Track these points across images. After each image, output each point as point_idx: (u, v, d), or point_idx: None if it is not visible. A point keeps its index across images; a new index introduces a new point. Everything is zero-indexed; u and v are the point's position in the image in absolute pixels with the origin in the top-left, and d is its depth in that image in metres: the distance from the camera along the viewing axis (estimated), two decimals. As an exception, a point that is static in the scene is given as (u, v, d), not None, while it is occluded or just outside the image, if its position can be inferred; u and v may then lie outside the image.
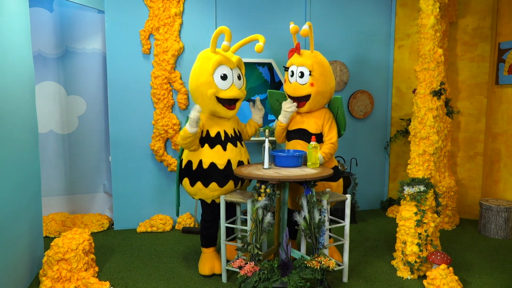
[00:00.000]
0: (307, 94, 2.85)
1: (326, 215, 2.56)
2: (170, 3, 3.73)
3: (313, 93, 2.83)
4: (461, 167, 4.25)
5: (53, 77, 3.77)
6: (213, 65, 2.66)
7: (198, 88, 2.70)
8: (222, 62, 2.69)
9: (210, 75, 2.66)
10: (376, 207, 4.68)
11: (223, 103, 2.74)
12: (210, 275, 2.80)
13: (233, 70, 2.75)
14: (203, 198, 2.81)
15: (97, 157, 4.01)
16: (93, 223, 3.80)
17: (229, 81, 2.73)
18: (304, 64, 2.83)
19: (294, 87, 2.88)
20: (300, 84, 2.86)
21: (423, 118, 2.89)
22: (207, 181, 2.72)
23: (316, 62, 2.84)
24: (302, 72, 2.85)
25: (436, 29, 2.83)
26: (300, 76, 2.86)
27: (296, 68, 2.88)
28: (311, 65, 2.81)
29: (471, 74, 4.12)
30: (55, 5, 3.69)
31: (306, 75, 2.83)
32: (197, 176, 2.74)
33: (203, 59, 2.73)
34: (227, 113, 2.78)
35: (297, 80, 2.88)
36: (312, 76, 2.81)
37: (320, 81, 2.83)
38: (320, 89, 2.84)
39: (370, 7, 4.38)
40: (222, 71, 2.69)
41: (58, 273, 2.51)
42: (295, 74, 2.88)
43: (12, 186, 2.38)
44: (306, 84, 2.83)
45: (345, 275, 2.72)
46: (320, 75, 2.84)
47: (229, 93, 2.71)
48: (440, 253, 2.68)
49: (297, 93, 2.87)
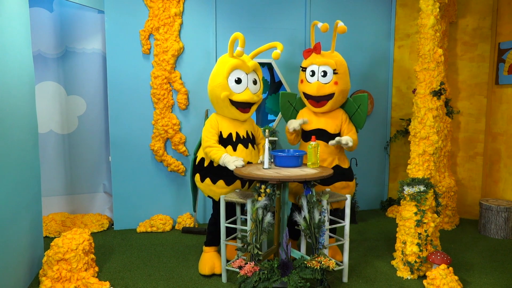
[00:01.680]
0: (331, 93, 2.87)
1: (326, 215, 2.56)
2: (170, 3, 3.73)
3: (337, 91, 2.86)
4: (461, 167, 4.25)
5: (53, 77, 3.77)
6: (227, 69, 2.75)
7: (213, 90, 2.81)
8: (237, 67, 2.77)
9: (225, 78, 2.75)
10: (376, 207, 4.68)
11: (237, 106, 2.80)
12: (210, 275, 2.80)
13: (248, 74, 2.83)
14: (211, 195, 2.88)
15: (97, 157, 4.01)
16: (93, 223, 3.80)
17: (243, 85, 2.79)
18: (328, 64, 2.86)
19: (317, 86, 2.89)
20: (323, 84, 2.88)
21: (423, 118, 2.90)
22: (216, 178, 2.80)
23: (338, 61, 2.89)
24: (325, 71, 2.87)
25: (436, 29, 2.83)
26: (322, 76, 2.88)
27: (318, 68, 2.90)
28: (335, 64, 2.86)
29: (471, 74, 4.12)
30: (55, 5, 3.69)
31: (330, 74, 2.86)
32: (207, 173, 2.83)
33: (220, 63, 2.84)
34: (241, 116, 2.85)
35: (319, 80, 2.89)
36: (337, 75, 2.85)
37: (343, 80, 2.89)
38: (343, 88, 2.89)
39: (370, 7, 4.38)
40: (236, 75, 2.78)
41: (58, 273, 2.51)
42: (317, 73, 2.90)
43: (12, 186, 2.38)
44: (330, 83, 2.86)
45: (345, 275, 2.72)
46: (343, 73, 2.89)
47: (242, 96, 2.78)
48: (440, 253, 2.68)
49: (321, 92, 2.88)
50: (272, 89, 4.12)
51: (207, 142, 2.75)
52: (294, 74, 4.14)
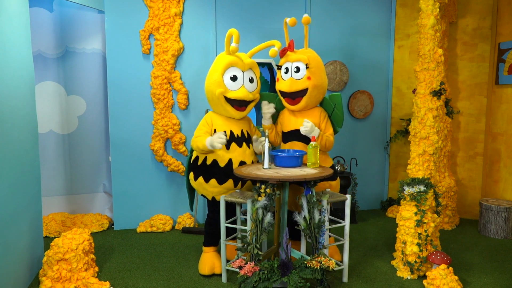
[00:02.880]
0: (304, 88, 2.82)
1: (326, 215, 2.56)
2: (170, 3, 3.73)
3: (310, 86, 2.80)
4: (461, 167, 4.25)
5: (53, 77, 3.77)
6: (223, 66, 2.74)
7: (209, 86, 2.80)
8: (233, 64, 2.76)
9: (220, 75, 2.75)
10: (376, 207, 4.68)
11: (232, 104, 2.78)
12: (210, 275, 2.80)
13: (244, 72, 2.81)
14: (204, 194, 2.88)
15: (97, 157, 4.01)
16: (93, 223, 3.80)
17: (239, 82, 2.78)
18: (300, 59, 2.82)
19: (289, 82, 2.84)
20: (296, 79, 2.83)
21: (423, 118, 2.89)
22: (208, 177, 2.79)
23: (311, 57, 2.84)
24: (297, 67, 2.83)
25: (436, 29, 2.83)
26: (295, 71, 2.84)
27: (291, 64, 2.86)
28: (307, 59, 2.81)
29: (471, 74, 4.12)
30: (55, 5, 3.69)
31: (303, 69, 2.81)
32: (200, 171, 2.82)
33: (217, 60, 2.83)
34: (236, 114, 2.83)
35: (292, 76, 2.85)
36: (309, 69, 2.80)
37: (316, 75, 2.82)
38: (317, 83, 2.82)
39: (370, 7, 4.38)
40: (232, 72, 2.76)
41: (58, 273, 2.51)
42: (290, 70, 2.86)
43: (12, 186, 2.38)
44: (303, 78, 2.81)
45: (345, 275, 2.72)
46: (317, 68, 2.83)
47: (236, 94, 2.76)
48: (440, 253, 2.68)
49: (294, 88, 2.83)
50: (272, 89, 4.12)
51: (194, 135, 2.78)
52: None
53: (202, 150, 2.72)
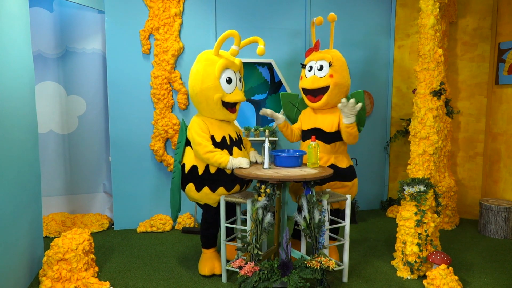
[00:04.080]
0: (325, 85, 2.87)
1: (326, 215, 2.56)
2: (170, 3, 3.73)
3: (331, 84, 2.85)
4: (461, 167, 4.25)
5: (53, 77, 3.77)
6: (219, 69, 2.62)
7: (203, 92, 2.64)
8: (228, 66, 2.68)
9: (217, 79, 2.62)
10: (376, 207, 4.68)
11: (227, 107, 2.73)
12: (210, 275, 2.80)
13: (236, 73, 2.76)
14: (210, 203, 2.77)
15: (97, 157, 4.01)
16: (93, 223, 3.80)
17: (233, 84, 2.73)
18: (324, 58, 2.90)
19: (312, 79, 2.92)
20: (318, 77, 2.90)
21: (423, 118, 2.89)
22: (215, 186, 2.69)
23: (335, 56, 2.91)
24: (321, 65, 2.90)
25: (436, 29, 2.83)
26: (319, 69, 2.90)
27: (315, 63, 2.94)
28: (331, 57, 2.87)
29: (471, 74, 4.12)
30: (55, 5, 3.69)
31: (326, 67, 2.87)
32: (203, 181, 2.69)
33: (206, 62, 2.66)
34: (230, 116, 2.77)
35: (315, 73, 2.92)
36: (332, 67, 2.85)
37: (339, 73, 2.88)
38: (339, 81, 2.87)
39: (370, 7, 4.38)
40: (227, 74, 2.68)
41: (58, 273, 2.51)
42: (314, 68, 2.93)
43: (12, 186, 2.37)
44: (325, 76, 2.87)
45: (345, 275, 2.72)
46: (340, 67, 2.89)
47: (234, 97, 2.71)
48: (440, 253, 2.68)
49: (315, 85, 2.90)
50: (272, 89, 4.12)
51: (206, 148, 2.59)
52: (294, 74, 4.14)
53: (218, 165, 2.62)
